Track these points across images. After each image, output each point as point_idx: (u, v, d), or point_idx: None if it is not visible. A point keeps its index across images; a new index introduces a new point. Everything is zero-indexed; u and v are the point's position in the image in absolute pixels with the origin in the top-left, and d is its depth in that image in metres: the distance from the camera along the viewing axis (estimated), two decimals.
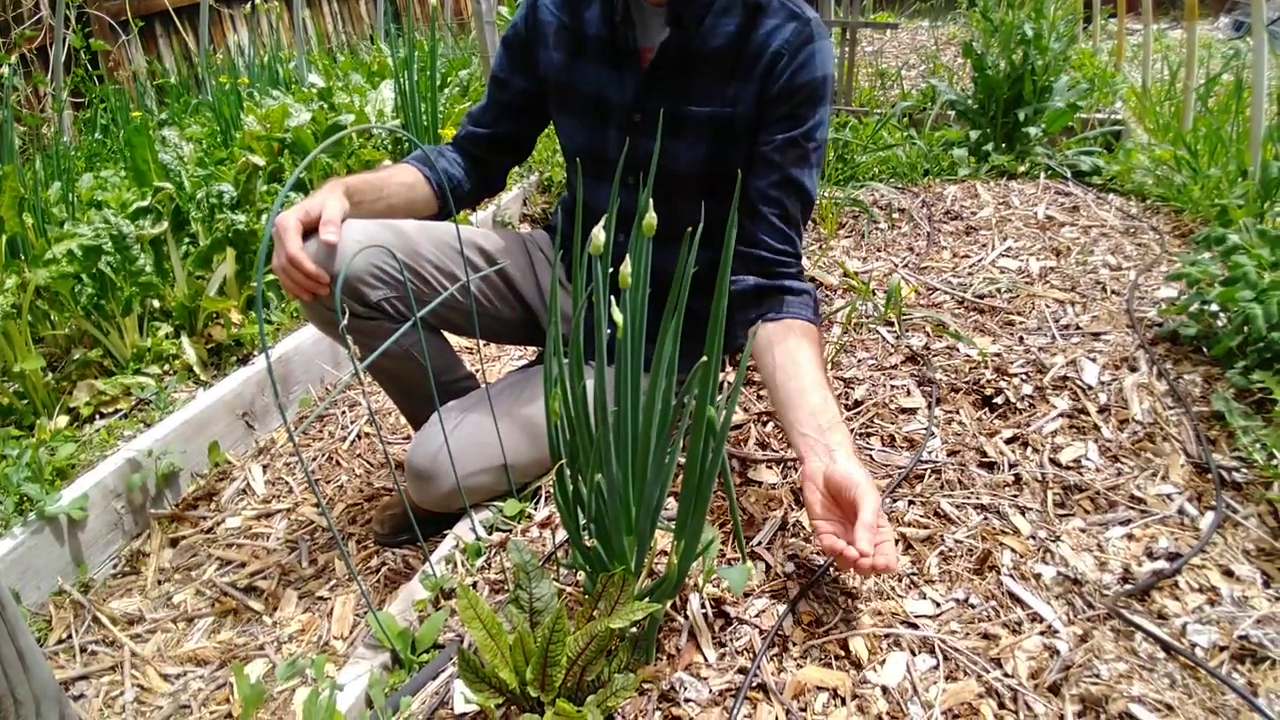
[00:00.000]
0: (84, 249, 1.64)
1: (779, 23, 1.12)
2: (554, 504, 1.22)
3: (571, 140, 1.29)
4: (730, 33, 1.13)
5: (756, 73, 1.12)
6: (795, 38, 1.11)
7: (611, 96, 1.20)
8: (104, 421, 1.73)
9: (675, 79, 1.16)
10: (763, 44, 1.12)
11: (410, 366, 1.18)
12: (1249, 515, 1.05)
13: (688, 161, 1.19)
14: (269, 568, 1.45)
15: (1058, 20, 2.41)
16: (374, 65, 3.58)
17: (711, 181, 1.20)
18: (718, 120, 1.16)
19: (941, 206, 2.19)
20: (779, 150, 1.15)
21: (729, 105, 1.15)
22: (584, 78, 1.22)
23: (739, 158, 1.18)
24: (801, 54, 1.11)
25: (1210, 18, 5.88)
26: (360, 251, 1.09)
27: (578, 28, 1.22)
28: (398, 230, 1.22)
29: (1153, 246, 1.87)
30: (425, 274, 1.22)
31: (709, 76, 1.15)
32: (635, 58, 1.18)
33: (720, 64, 1.14)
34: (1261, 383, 1.19)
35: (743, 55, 1.13)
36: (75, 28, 3.63)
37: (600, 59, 1.20)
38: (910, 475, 1.17)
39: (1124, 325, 1.51)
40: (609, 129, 1.22)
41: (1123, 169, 2.29)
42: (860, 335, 1.56)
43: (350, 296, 1.14)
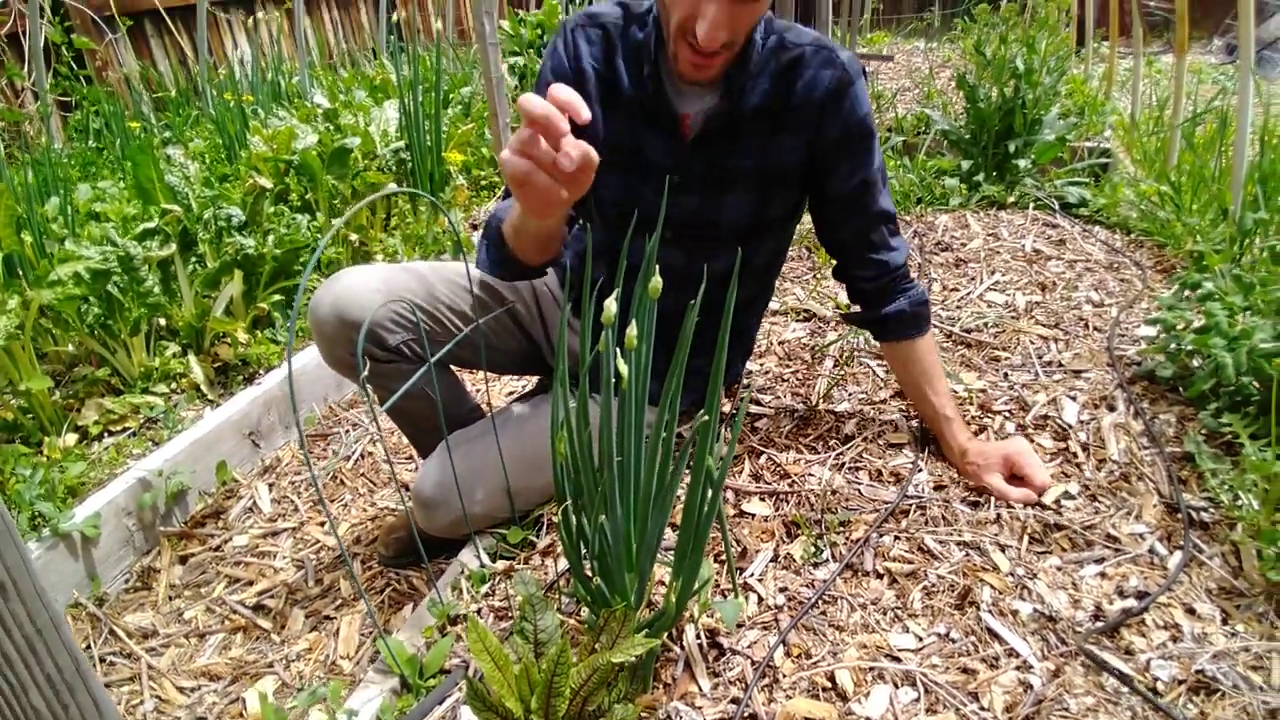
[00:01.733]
0: (92, 272, 1.68)
1: (814, 74, 1.14)
2: (555, 533, 1.27)
3: (604, 191, 1.26)
4: (767, 89, 1.15)
5: (803, 124, 1.16)
6: (835, 85, 1.14)
7: (651, 156, 1.21)
8: (113, 439, 1.77)
9: (719, 142, 1.18)
10: (805, 97, 1.15)
11: (422, 403, 1.23)
12: (1213, 555, 1.11)
13: (733, 214, 1.22)
14: (276, 586, 1.50)
15: (1049, 55, 2.48)
16: (377, 79, 3.63)
17: (752, 230, 1.25)
18: (764, 173, 1.20)
19: (933, 237, 2.25)
20: (855, 193, 1.21)
21: (775, 157, 1.18)
22: (621, 132, 1.21)
23: (782, 205, 1.25)
24: (846, 99, 1.14)
25: (1204, 40, 5.97)
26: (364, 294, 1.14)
27: (613, 79, 1.21)
28: (414, 273, 1.27)
29: (1135, 282, 1.93)
30: (440, 315, 1.27)
31: (752, 133, 1.17)
32: (675, 123, 1.18)
33: (762, 119, 1.16)
34: (1230, 426, 1.25)
35: (785, 109, 1.16)
36: (54, 20, 3.48)
37: (637, 116, 1.20)
38: (896, 510, 1.22)
39: (1104, 363, 1.57)
40: (645, 185, 1.22)
41: (1109, 202, 2.36)
42: (852, 369, 1.62)
43: (371, 341, 1.19)
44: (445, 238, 2.44)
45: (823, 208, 1.28)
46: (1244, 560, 1.09)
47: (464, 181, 2.77)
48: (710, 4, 0.99)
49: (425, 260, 2.39)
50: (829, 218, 1.28)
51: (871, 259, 1.27)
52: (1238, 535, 1.12)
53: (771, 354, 1.73)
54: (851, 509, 1.23)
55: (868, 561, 1.13)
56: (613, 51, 1.21)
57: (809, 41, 1.15)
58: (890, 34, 6.36)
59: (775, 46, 1.15)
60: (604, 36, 1.21)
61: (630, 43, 1.20)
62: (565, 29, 1.23)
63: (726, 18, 1.01)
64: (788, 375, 1.63)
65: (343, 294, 1.17)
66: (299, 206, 2.23)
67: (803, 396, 1.55)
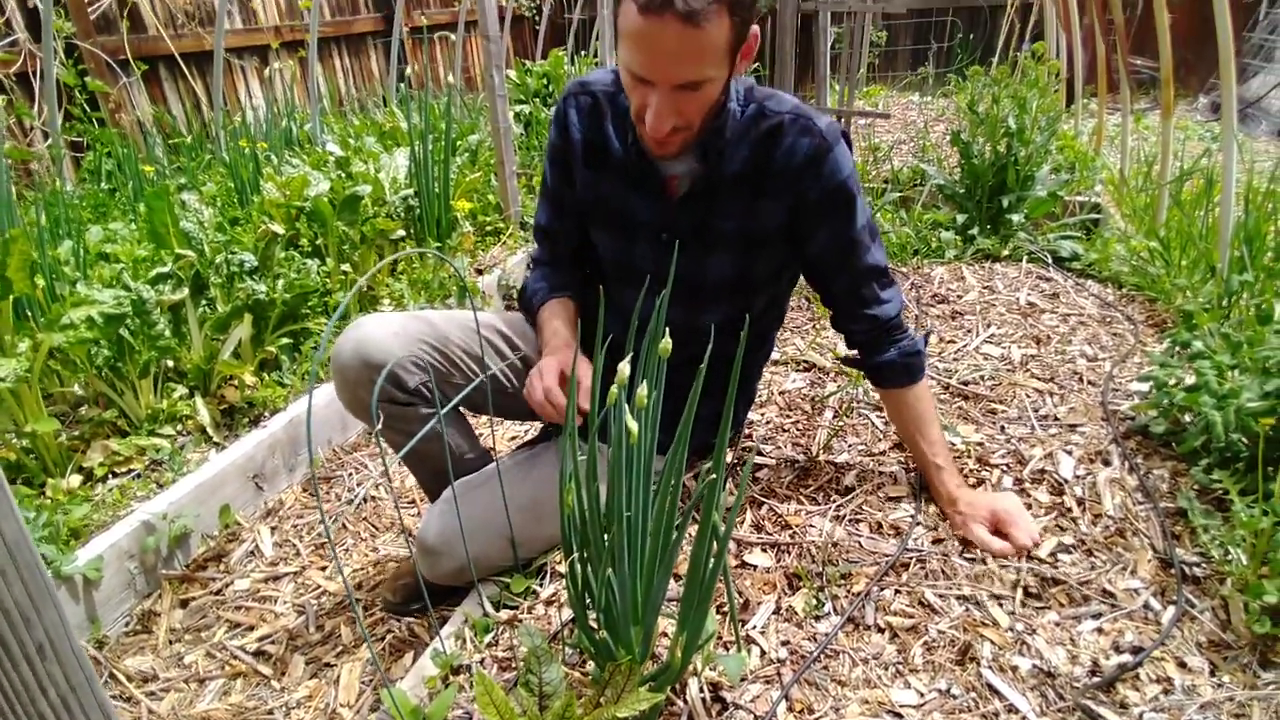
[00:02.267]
0: (105, 316, 1.71)
1: (793, 141, 1.18)
2: (559, 582, 1.28)
3: (602, 248, 1.36)
4: (746, 157, 1.20)
5: (784, 189, 1.20)
6: (813, 151, 1.17)
7: (639, 216, 1.27)
8: (117, 481, 1.78)
9: (701, 202, 1.23)
10: (784, 165, 1.19)
11: (434, 447, 1.25)
12: (1204, 609, 1.13)
13: (717, 274, 1.27)
14: (277, 632, 1.50)
15: (1040, 115, 2.56)
16: (386, 126, 3.72)
17: (738, 288, 1.29)
18: (746, 235, 1.24)
19: (930, 289, 2.30)
20: (841, 253, 1.25)
21: (757, 220, 1.23)
22: (611, 194, 1.28)
23: (768, 264, 1.29)
24: (825, 165, 1.18)
25: (1189, 98, 6.15)
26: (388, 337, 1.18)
27: (601, 144, 1.27)
28: (428, 320, 1.31)
29: (1128, 337, 1.98)
30: (454, 358, 1.31)
31: (733, 196, 1.22)
32: (660, 184, 1.24)
33: (742, 185, 1.21)
34: (1221, 482, 1.28)
35: (764, 176, 1.20)
36: (67, 63, 3.57)
37: (625, 179, 1.26)
38: (897, 563, 1.24)
39: (1099, 418, 1.60)
40: (637, 243, 1.29)
41: (1101, 257, 2.42)
42: (851, 420, 1.64)
43: (391, 384, 1.22)
44: (450, 282, 2.49)
45: (810, 267, 1.32)
46: (1232, 614, 1.11)
47: (470, 228, 2.83)
48: (652, 96, 1.04)
49: (433, 307, 2.43)
50: (818, 276, 1.33)
51: (863, 314, 1.30)
52: (1227, 590, 1.14)
53: (773, 404, 1.75)
54: (852, 561, 1.24)
55: (869, 615, 1.15)
56: (601, 117, 1.27)
57: (788, 110, 1.19)
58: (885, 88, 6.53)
59: (755, 114, 1.20)
60: (593, 104, 1.28)
61: (619, 107, 1.25)
62: (561, 100, 1.31)
63: (670, 107, 1.05)
64: (788, 425, 1.66)
65: (365, 339, 1.22)
66: (309, 251, 2.28)
67: (803, 447, 1.57)
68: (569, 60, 4.87)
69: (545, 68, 4.63)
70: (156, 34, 4.13)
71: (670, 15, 0.94)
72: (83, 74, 3.71)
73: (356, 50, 5.61)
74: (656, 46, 0.98)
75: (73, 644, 0.50)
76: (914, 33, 6.85)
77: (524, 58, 6.06)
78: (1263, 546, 1.12)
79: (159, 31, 4.14)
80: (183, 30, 4.29)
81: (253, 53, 4.79)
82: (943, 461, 1.33)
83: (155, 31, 4.13)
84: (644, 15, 0.96)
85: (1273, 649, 1.05)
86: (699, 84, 1.04)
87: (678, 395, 0.98)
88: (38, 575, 0.47)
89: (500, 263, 2.77)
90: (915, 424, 1.35)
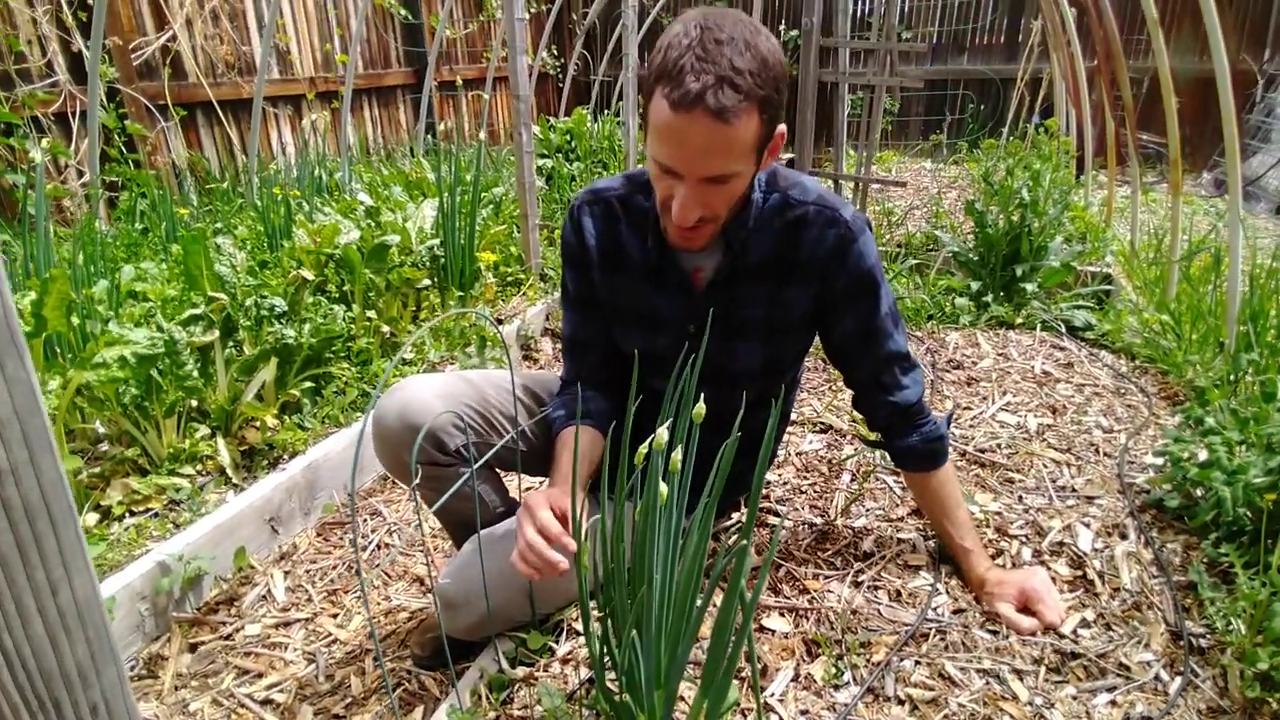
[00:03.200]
0: (138, 356, 1.74)
1: (818, 232, 1.19)
2: (576, 640, 1.28)
3: (628, 345, 1.35)
4: (770, 246, 1.21)
5: (808, 280, 1.22)
6: (838, 242, 1.19)
7: (664, 313, 1.28)
8: (134, 520, 1.79)
9: (726, 292, 1.24)
10: (810, 255, 1.20)
11: (468, 503, 1.27)
12: (1206, 679, 1.14)
13: (745, 362, 1.29)
14: (286, 680, 1.48)
15: (1053, 188, 2.62)
16: (413, 176, 3.82)
17: (765, 373, 1.31)
18: (772, 323, 1.26)
19: (945, 354, 2.32)
20: (863, 340, 1.26)
21: (783, 309, 1.25)
22: (632, 296, 1.29)
23: (793, 348, 1.31)
24: (849, 256, 1.19)
25: (1193, 174, 6.27)
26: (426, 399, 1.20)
27: (617, 249, 1.28)
28: (468, 380, 1.33)
29: (1141, 409, 1.99)
30: (492, 418, 1.32)
31: (758, 285, 1.23)
32: (684, 278, 1.25)
33: (766, 273, 1.22)
34: (1228, 556, 1.29)
35: (788, 265, 1.22)
36: (109, 106, 3.69)
37: (647, 278, 1.27)
38: (916, 633, 1.23)
39: (1115, 490, 1.60)
40: (660, 336, 1.30)
41: (1114, 328, 2.44)
42: (869, 484, 1.65)
43: (432, 445, 1.23)
44: (471, 331, 2.52)
45: (833, 353, 1.33)
46: (1230, 681, 1.13)
47: (493, 279, 2.89)
48: (681, 188, 1.05)
49: (453, 355, 2.47)
50: (840, 361, 1.34)
51: (884, 400, 1.30)
52: (1226, 659, 1.15)
53: (790, 464, 1.76)
54: (872, 629, 1.24)
55: (889, 686, 1.14)
56: (616, 222, 1.28)
57: (812, 200, 1.20)
58: (898, 154, 6.68)
59: (779, 204, 1.21)
60: (606, 210, 1.29)
61: (634, 210, 1.27)
62: (571, 211, 1.33)
63: (697, 199, 1.06)
64: (805, 487, 1.66)
65: (409, 401, 1.22)
66: (336, 297, 2.33)
67: (820, 510, 1.58)
68: (592, 118, 5.01)
69: (569, 124, 4.77)
70: (196, 81, 4.29)
71: (701, 111, 0.96)
72: (122, 117, 3.84)
73: (386, 102, 5.80)
74: (687, 141, 1.00)
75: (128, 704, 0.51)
76: (926, 102, 7.03)
77: (548, 114, 6.24)
78: (1260, 616, 1.14)
79: (199, 79, 4.30)
80: (221, 79, 4.46)
81: (287, 102, 4.95)
82: (970, 544, 1.33)
83: (195, 79, 4.29)
84: (675, 110, 0.97)
85: (1260, 712, 1.07)
86: (727, 178, 1.05)
87: (704, 463, 0.99)
88: (103, 634, 0.48)
89: (520, 313, 2.82)
90: (940, 507, 1.35)
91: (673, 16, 8.01)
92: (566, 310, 1.39)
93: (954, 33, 6.90)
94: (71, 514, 0.45)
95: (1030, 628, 1.22)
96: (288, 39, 4.89)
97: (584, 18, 7.15)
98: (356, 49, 4.43)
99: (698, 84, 0.95)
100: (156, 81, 4.10)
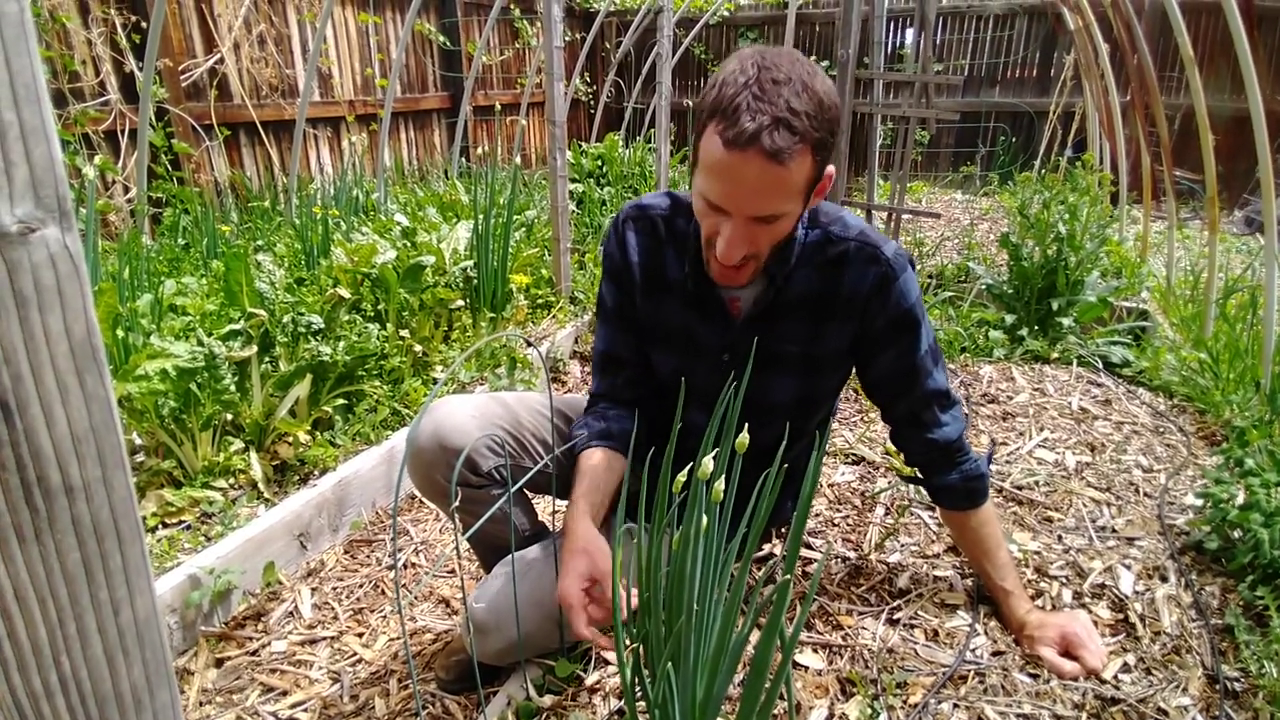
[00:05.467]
0: (179, 370, 1.77)
1: (859, 270, 1.18)
2: (604, 669, 1.26)
3: (663, 367, 1.34)
4: (811, 281, 1.20)
5: (847, 316, 1.21)
6: (878, 280, 1.18)
7: (701, 339, 1.26)
8: (167, 532, 1.81)
9: (764, 326, 1.23)
10: (851, 293, 1.19)
11: (499, 525, 1.26)
12: None
13: (781, 395, 1.28)
14: (310, 699, 1.48)
15: (1090, 222, 2.59)
16: (446, 198, 3.88)
17: (800, 407, 1.29)
18: (810, 358, 1.25)
19: (979, 388, 2.29)
20: (903, 378, 1.25)
21: (819, 344, 1.23)
22: (672, 317, 1.28)
23: (829, 382, 1.29)
24: (892, 293, 1.18)
25: (1225, 211, 6.18)
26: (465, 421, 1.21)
27: (659, 269, 1.27)
28: (502, 402, 1.33)
29: (1180, 449, 1.94)
30: (525, 441, 1.32)
31: (796, 319, 1.22)
32: (724, 308, 1.24)
33: (805, 308, 1.21)
34: (1263, 598, 1.26)
35: (828, 302, 1.20)
36: (157, 126, 3.78)
37: (687, 302, 1.26)
38: (955, 675, 1.20)
39: (1155, 531, 1.56)
40: (698, 363, 1.28)
41: (1151, 366, 2.40)
42: (904, 519, 1.62)
43: (465, 466, 1.22)
44: (501, 353, 2.54)
45: (872, 390, 1.31)
46: None
47: (524, 301, 2.91)
48: (727, 226, 1.04)
49: (483, 376, 2.48)
50: (878, 397, 1.32)
51: (923, 438, 1.28)
52: (1258, 702, 1.12)
53: (821, 496, 1.74)
54: (908, 669, 1.21)
55: None
56: (659, 241, 1.27)
57: (854, 237, 1.19)
58: (928, 184, 6.66)
59: (821, 240, 1.19)
60: (652, 228, 1.27)
61: (677, 232, 1.26)
62: (616, 223, 1.30)
63: (744, 238, 1.05)
64: (838, 520, 1.64)
65: (443, 422, 1.22)
66: (371, 316, 2.35)
67: (853, 544, 1.55)
68: (623, 144, 5.07)
69: (600, 150, 4.83)
70: (241, 103, 4.41)
71: (755, 151, 0.95)
72: (170, 136, 3.96)
73: (422, 125, 5.92)
74: (738, 180, 0.99)
75: None
76: (957, 134, 7.02)
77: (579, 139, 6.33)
78: None
79: (244, 100, 4.42)
80: (265, 100, 4.58)
81: (327, 124, 5.07)
82: (1011, 585, 1.30)
83: (240, 100, 4.41)
84: (729, 149, 0.96)
85: None
86: (775, 218, 1.05)
87: (740, 497, 0.99)
88: (160, 655, 0.48)
89: (550, 335, 2.83)
90: (980, 547, 1.32)
91: (705, 46, 8.12)
92: (601, 324, 1.36)
93: (987, 66, 6.90)
94: (139, 532, 0.45)
95: (1073, 672, 1.19)
96: (330, 63, 5.01)
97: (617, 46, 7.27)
98: (396, 75, 4.53)
99: (753, 124, 0.95)
100: (203, 102, 4.22)
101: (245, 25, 4.40)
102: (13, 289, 0.38)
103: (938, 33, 6.91)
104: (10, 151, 0.37)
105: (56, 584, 0.42)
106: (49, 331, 0.39)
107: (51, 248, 0.39)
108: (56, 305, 0.39)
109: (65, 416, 0.40)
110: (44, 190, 0.38)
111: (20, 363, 0.39)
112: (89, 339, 0.40)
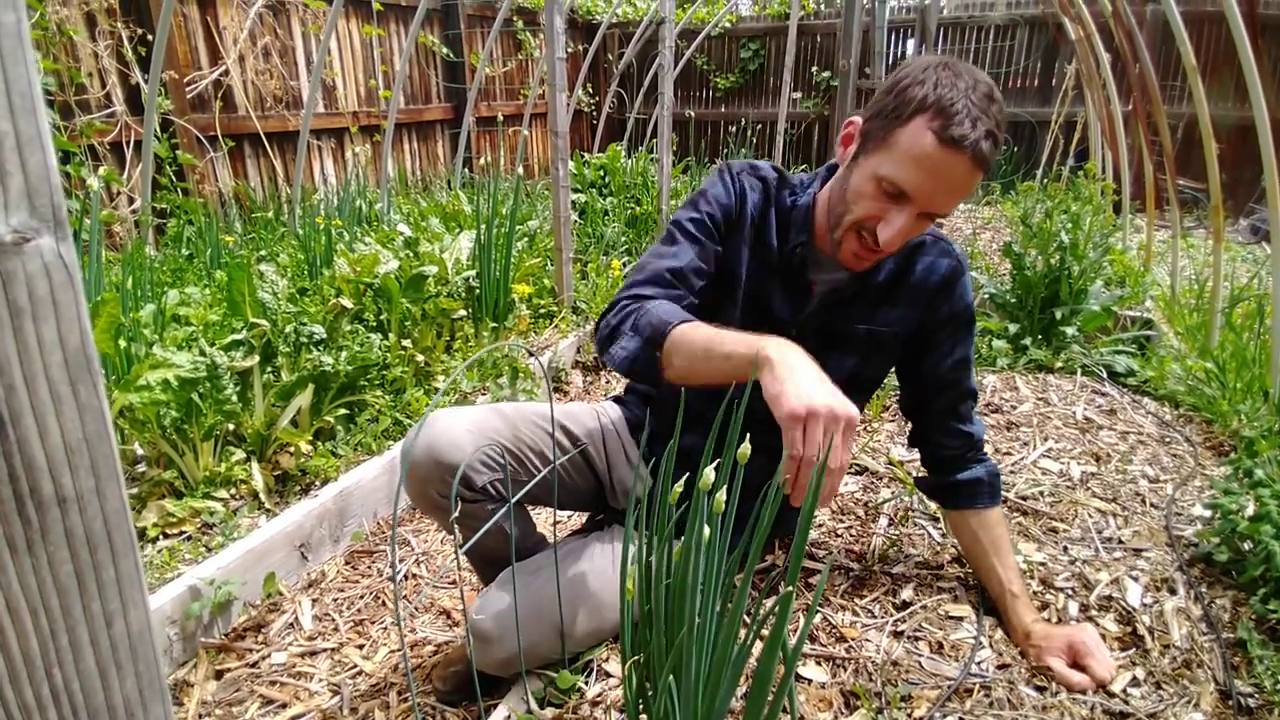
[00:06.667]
0: (181, 380, 1.77)
1: (934, 259, 1.26)
2: (605, 682, 1.25)
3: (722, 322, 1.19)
4: (892, 268, 1.26)
5: (917, 303, 1.27)
6: (950, 273, 1.26)
7: (775, 311, 1.30)
8: (167, 542, 1.80)
9: (839, 308, 1.28)
10: (923, 279, 1.26)
11: (497, 538, 1.25)
12: None
13: (836, 372, 1.26)
14: (310, 712, 1.47)
15: (1094, 231, 2.59)
16: (449, 208, 3.89)
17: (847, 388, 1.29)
18: (872, 339, 1.30)
19: (983, 398, 2.28)
20: (954, 370, 1.32)
21: (885, 327, 1.29)
22: (754, 277, 1.30)
23: (878, 368, 1.35)
24: (958, 286, 1.26)
25: (1229, 220, 6.18)
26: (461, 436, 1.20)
27: (762, 230, 1.29)
28: (500, 414, 1.32)
29: (1187, 459, 1.93)
30: (523, 455, 1.31)
31: (867, 302, 1.28)
32: (806, 288, 1.29)
33: (878, 292, 1.27)
34: (1276, 612, 1.24)
35: (901, 286, 1.27)
36: (162, 137, 3.83)
37: (774, 271, 1.29)
38: (960, 688, 1.18)
39: (1163, 542, 1.54)
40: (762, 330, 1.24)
41: (1156, 375, 2.39)
42: (907, 529, 1.61)
43: (461, 483, 1.21)
44: (503, 363, 2.54)
45: (920, 380, 1.35)
46: None
47: (526, 311, 2.91)
48: (899, 214, 1.08)
49: (484, 386, 2.48)
50: (925, 388, 1.35)
51: (958, 429, 1.35)
52: (1273, 719, 1.11)
53: (825, 506, 1.73)
54: (913, 682, 1.19)
55: None
56: (768, 205, 1.29)
57: (928, 229, 1.24)
58: None
59: None
60: (764, 190, 1.30)
61: (781, 204, 1.29)
62: (731, 170, 1.29)
63: (911, 229, 1.09)
64: (841, 530, 1.63)
65: (439, 436, 1.21)
66: (373, 326, 2.36)
67: (857, 555, 1.54)
68: (625, 154, 5.08)
69: (603, 160, 4.84)
70: (245, 114, 4.44)
71: (969, 155, 1.01)
72: (174, 147, 3.98)
73: (425, 136, 5.95)
74: (942, 176, 1.04)
75: None
76: None
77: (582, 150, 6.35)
78: None
79: (248, 112, 4.45)
80: (269, 111, 4.60)
81: (330, 134, 5.10)
82: (1018, 590, 1.30)
83: (244, 112, 4.44)
84: (943, 145, 1.01)
85: None
86: (943, 217, 1.12)
87: (752, 495, 0.99)
88: (154, 669, 0.47)
89: (552, 345, 2.83)
90: (993, 548, 1.33)
91: (707, 57, 8.14)
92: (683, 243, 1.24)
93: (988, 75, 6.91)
94: (132, 544, 0.44)
95: (1082, 684, 1.18)
96: (334, 74, 5.04)
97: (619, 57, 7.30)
98: (399, 86, 4.55)
99: (975, 131, 1.01)
100: (207, 114, 4.25)
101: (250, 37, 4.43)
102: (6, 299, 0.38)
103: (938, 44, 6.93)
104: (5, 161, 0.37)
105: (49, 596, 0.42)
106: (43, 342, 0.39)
107: (46, 257, 0.39)
108: (51, 315, 0.39)
109: (59, 427, 0.40)
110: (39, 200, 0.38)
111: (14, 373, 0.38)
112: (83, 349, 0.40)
